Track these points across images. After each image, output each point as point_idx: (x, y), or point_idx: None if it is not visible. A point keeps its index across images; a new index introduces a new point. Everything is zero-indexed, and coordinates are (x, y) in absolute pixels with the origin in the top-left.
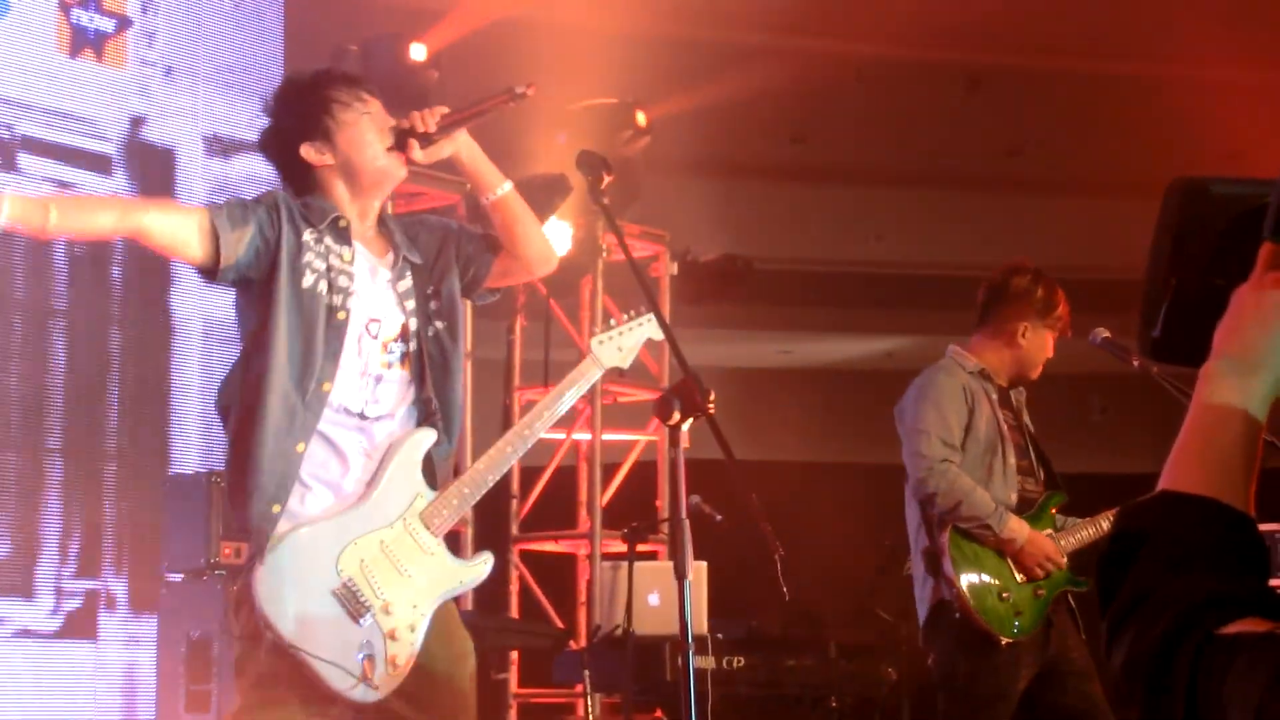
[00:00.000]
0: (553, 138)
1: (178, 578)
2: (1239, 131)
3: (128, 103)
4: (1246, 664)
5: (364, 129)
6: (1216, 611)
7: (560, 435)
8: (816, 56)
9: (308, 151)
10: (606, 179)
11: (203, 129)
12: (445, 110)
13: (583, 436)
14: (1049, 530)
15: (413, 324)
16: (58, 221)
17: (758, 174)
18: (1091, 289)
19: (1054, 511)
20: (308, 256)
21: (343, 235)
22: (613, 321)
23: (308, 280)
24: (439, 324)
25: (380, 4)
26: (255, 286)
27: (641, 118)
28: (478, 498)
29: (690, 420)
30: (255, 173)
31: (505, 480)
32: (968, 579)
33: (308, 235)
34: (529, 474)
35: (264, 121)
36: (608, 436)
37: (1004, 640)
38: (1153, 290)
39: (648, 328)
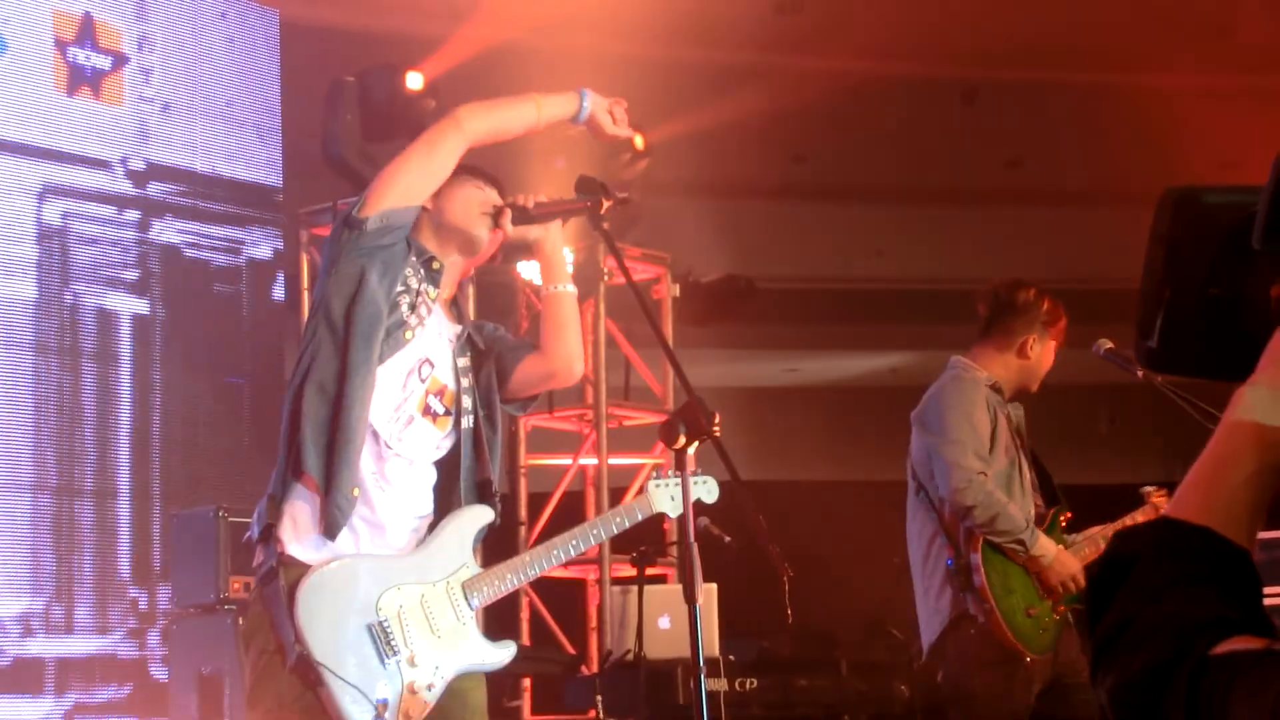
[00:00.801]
0: (551, 163)
1: (188, 612)
2: (1234, 141)
3: (126, 139)
4: (1250, 684)
5: (468, 196)
6: (1208, 633)
7: (566, 460)
8: (813, 75)
9: None
10: (606, 203)
11: (201, 164)
12: (544, 198)
13: (589, 461)
14: (1061, 546)
15: (466, 401)
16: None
17: (758, 194)
18: (1093, 299)
19: (1062, 525)
20: (406, 271)
21: (434, 276)
22: (672, 473)
23: (399, 287)
24: (482, 411)
25: (376, 35)
26: (361, 262)
27: (640, 141)
28: (519, 585)
29: (696, 443)
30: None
31: (513, 507)
32: (999, 594)
33: (413, 258)
34: (536, 500)
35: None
36: (614, 461)
37: (1029, 657)
38: (1148, 301)
39: (704, 488)
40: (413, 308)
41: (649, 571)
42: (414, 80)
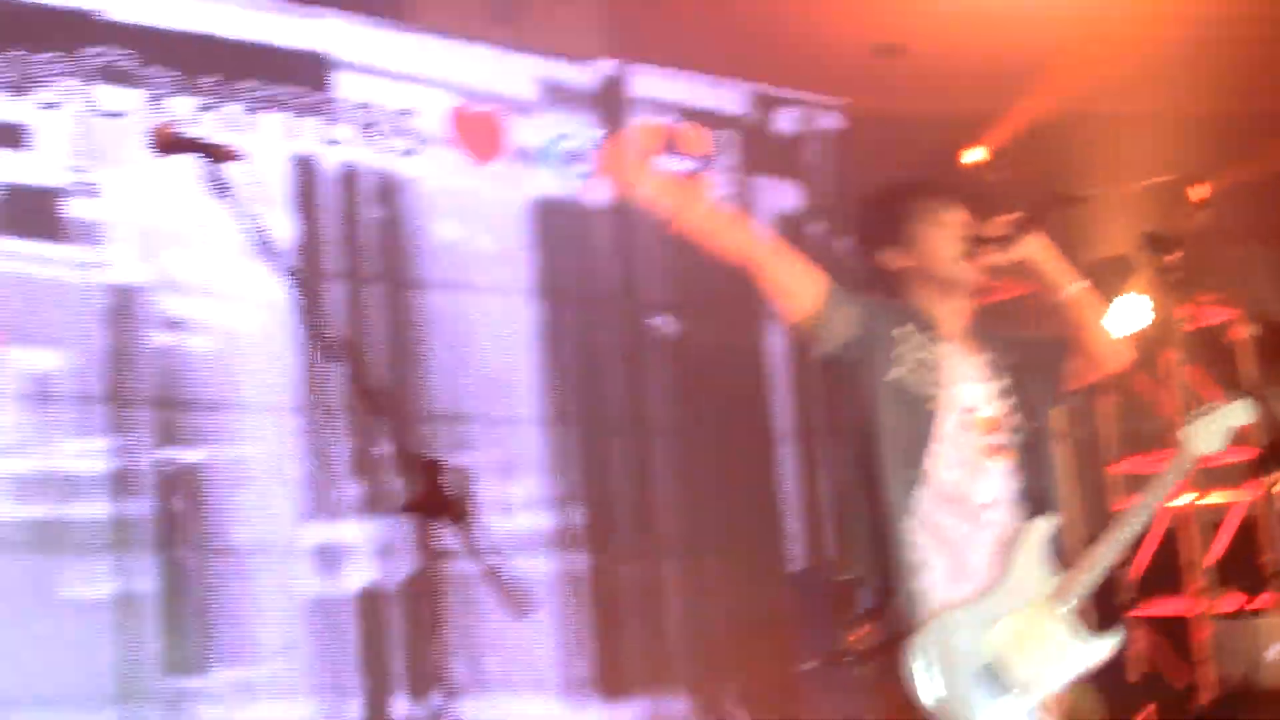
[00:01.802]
0: (1113, 221)
1: (810, 668)
2: None
3: None
4: None
5: (940, 238)
6: None
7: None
8: None
9: (889, 256)
10: (1172, 255)
11: None
12: (1015, 215)
13: (1180, 502)
14: None
15: (1013, 420)
16: (690, 218)
17: None
18: None
19: None
20: (898, 350)
21: (931, 333)
22: (1202, 407)
23: (898, 372)
24: (1033, 424)
25: (934, 118)
26: (848, 372)
27: (1201, 191)
28: (1100, 580)
29: None
30: None
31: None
32: None
33: (897, 331)
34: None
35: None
36: (1205, 500)
37: None
38: None
39: (1236, 413)
40: (922, 378)
41: (1253, 604)
42: (977, 155)
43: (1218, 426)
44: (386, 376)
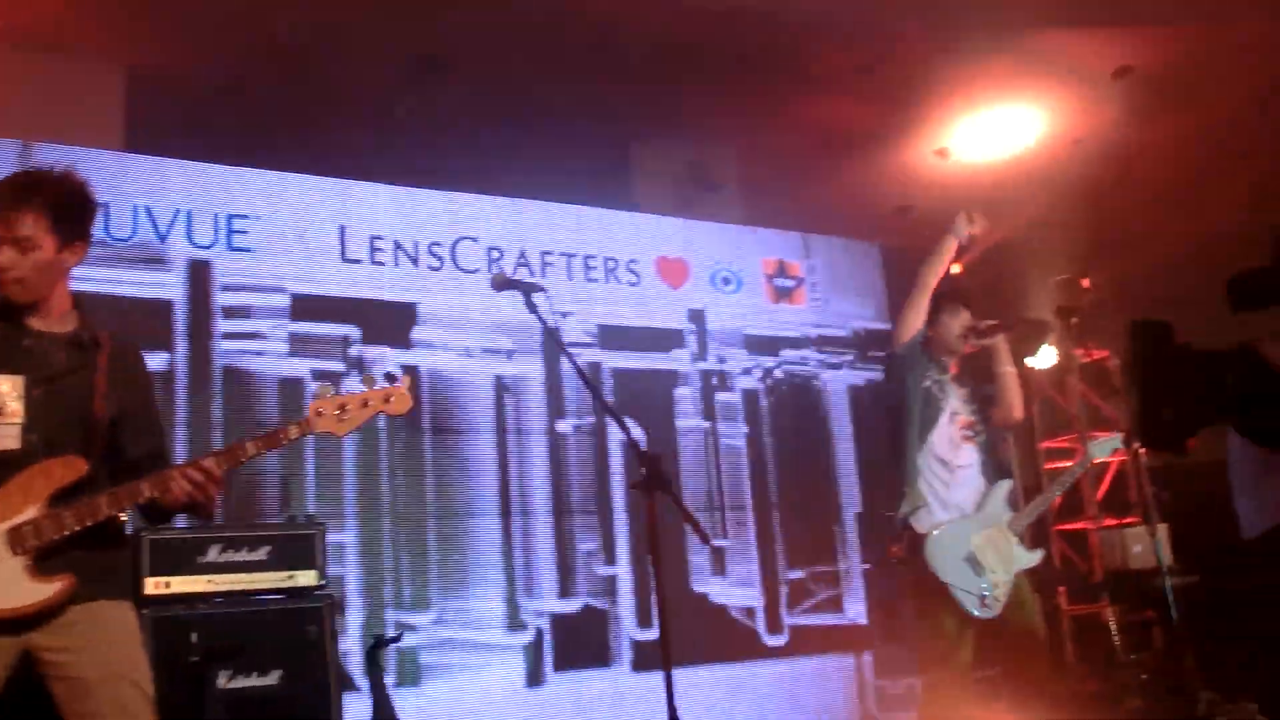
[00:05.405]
0: (1037, 298)
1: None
2: None
3: (808, 325)
4: None
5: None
6: None
7: None
8: None
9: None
10: (1074, 319)
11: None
12: (992, 322)
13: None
14: None
15: (977, 422)
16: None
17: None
18: None
19: None
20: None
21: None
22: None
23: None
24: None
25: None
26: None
27: (1086, 281)
28: (1035, 517)
29: None
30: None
31: None
32: None
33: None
34: None
35: None
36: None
37: None
38: None
39: (1113, 442)
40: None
41: (1126, 521)
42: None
43: (1103, 447)
44: None
